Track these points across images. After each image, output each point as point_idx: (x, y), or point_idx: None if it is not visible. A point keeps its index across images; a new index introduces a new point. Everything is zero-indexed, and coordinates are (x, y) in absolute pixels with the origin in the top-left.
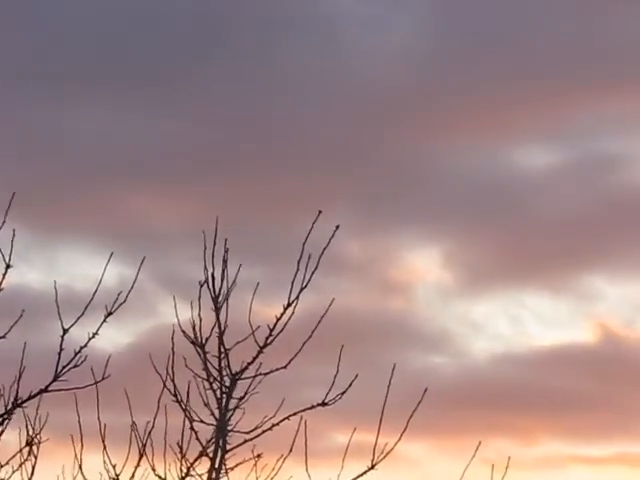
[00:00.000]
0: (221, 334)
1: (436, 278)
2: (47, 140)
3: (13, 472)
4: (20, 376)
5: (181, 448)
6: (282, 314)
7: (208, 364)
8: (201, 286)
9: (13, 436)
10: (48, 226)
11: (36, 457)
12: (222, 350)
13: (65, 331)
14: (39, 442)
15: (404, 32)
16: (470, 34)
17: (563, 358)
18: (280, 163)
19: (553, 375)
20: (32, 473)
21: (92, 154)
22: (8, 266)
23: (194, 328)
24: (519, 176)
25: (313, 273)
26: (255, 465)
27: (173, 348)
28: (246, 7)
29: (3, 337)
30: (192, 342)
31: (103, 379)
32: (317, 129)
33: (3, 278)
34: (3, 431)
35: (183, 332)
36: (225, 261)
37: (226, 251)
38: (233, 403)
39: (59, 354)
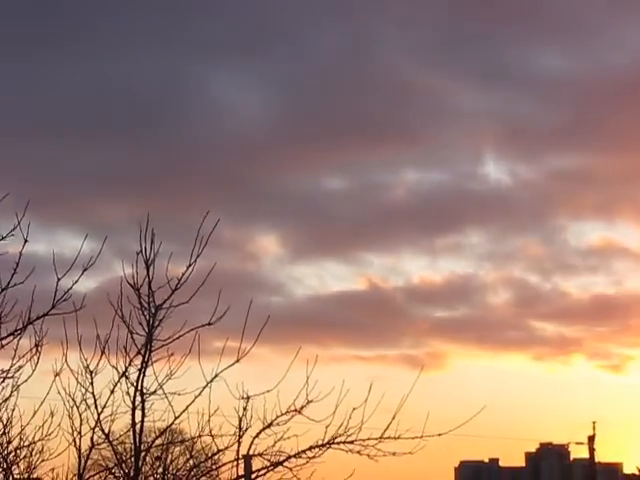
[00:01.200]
0: (149, 282)
1: (275, 252)
2: None
3: (27, 362)
4: (31, 305)
5: (126, 349)
6: (185, 271)
7: (141, 300)
8: (138, 254)
9: (27, 341)
10: None
11: (40, 353)
12: (150, 292)
13: (59, 279)
14: (42, 345)
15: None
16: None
17: (348, 299)
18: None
19: (342, 309)
20: (37, 363)
21: None
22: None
23: (134, 279)
24: (321, 194)
25: (203, 248)
26: (168, 359)
27: (121, 290)
28: None
29: (22, 283)
30: (132, 287)
31: (81, 308)
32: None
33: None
34: (21, 337)
35: (127, 282)
36: (152, 240)
37: (153, 234)
38: (156, 323)
39: (55, 293)
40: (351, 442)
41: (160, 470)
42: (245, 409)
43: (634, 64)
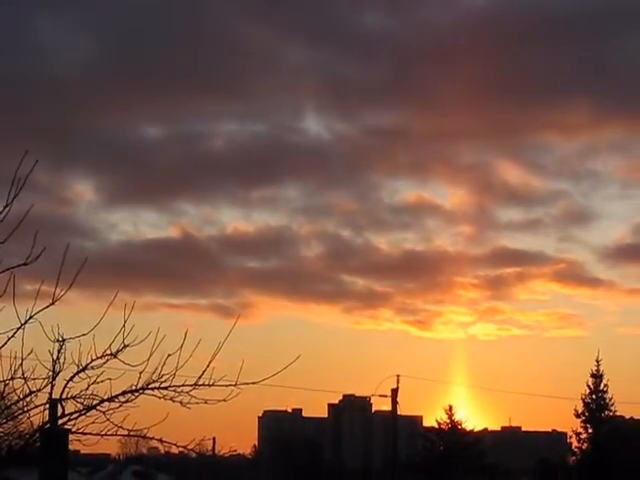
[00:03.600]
0: None
1: (91, 198)
2: None
3: None
4: None
5: None
6: (0, 213)
7: None
8: None
9: None
10: None
11: None
12: None
13: None
14: None
15: None
16: None
17: (161, 247)
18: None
19: (155, 257)
20: None
21: None
22: None
23: None
24: (139, 143)
25: (20, 190)
26: None
27: None
28: None
29: None
30: None
31: None
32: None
33: None
34: None
35: None
36: None
37: None
38: None
39: None
40: (165, 388)
41: None
42: (60, 352)
43: (452, 26)
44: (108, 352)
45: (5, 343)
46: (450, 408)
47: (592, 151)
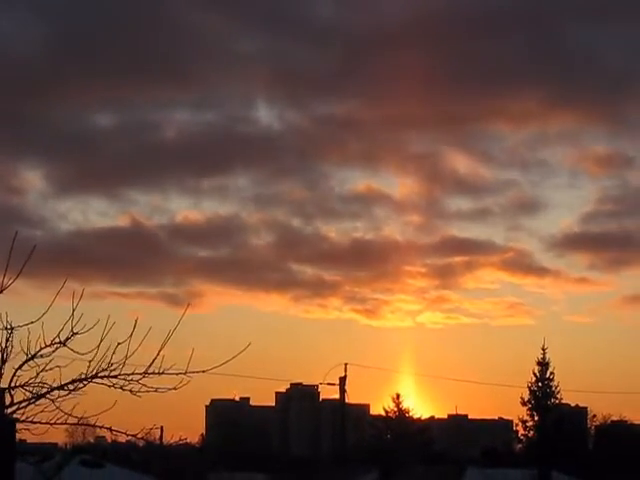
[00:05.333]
0: None
1: (40, 187)
2: None
3: None
4: None
5: None
6: None
7: None
8: None
9: None
10: None
11: None
12: None
13: None
14: None
15: None
16: None
17: (111, 235)
18: None
19: (105, 245)
20: None
21: None
22: None
23: None
24: (90, 131)
25: None
26: None
27: None
28: None
29: None
30: None
31: None
32: None
33: None
34: None
35: None
36: None
37: None
38: None
39: None
40: (115, 376)
41: None
42: (8, 340)
43: (402, 16)
44: (57, 340)
45: None
46: (397, 396)
47: (541, 141)
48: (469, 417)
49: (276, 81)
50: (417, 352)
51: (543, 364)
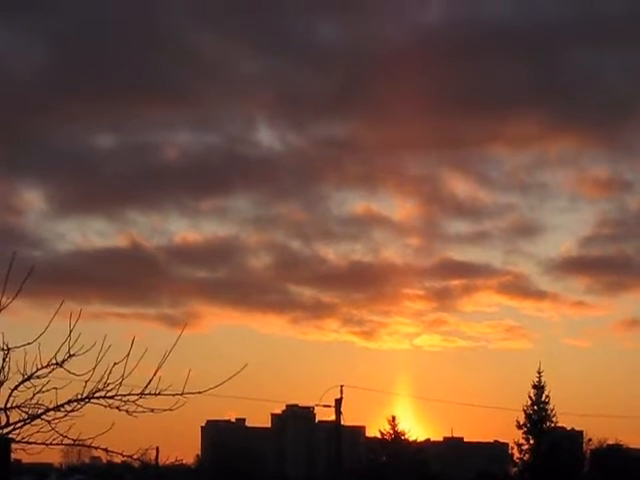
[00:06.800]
0: None
1: (40, 207)
2: None
3: None
4: None
5: None
6: None
7: None
8: None
9: None
10: None
11: None
12: None
13: None
14: None
15: None
16: None
17: (110, 256)
18: None
19: (104, 266)
20: None
21: None
22: None
23: None
24: (90, 152)
25: None
26: None
27: None
28: None
29: None
30: None
31: None
32: None
33: None
34: None
35: None
36: None
37: None
38: None
39: None
40: (111, 397)
41: None
42: (5, 360)
43: (403, 40)
44: (54, 361)
45: None
46: (393, 419)
47: (540, 164)
48: (465, 440)
49: (276, 103)
50: (414, 374)
51: (539, 387)
